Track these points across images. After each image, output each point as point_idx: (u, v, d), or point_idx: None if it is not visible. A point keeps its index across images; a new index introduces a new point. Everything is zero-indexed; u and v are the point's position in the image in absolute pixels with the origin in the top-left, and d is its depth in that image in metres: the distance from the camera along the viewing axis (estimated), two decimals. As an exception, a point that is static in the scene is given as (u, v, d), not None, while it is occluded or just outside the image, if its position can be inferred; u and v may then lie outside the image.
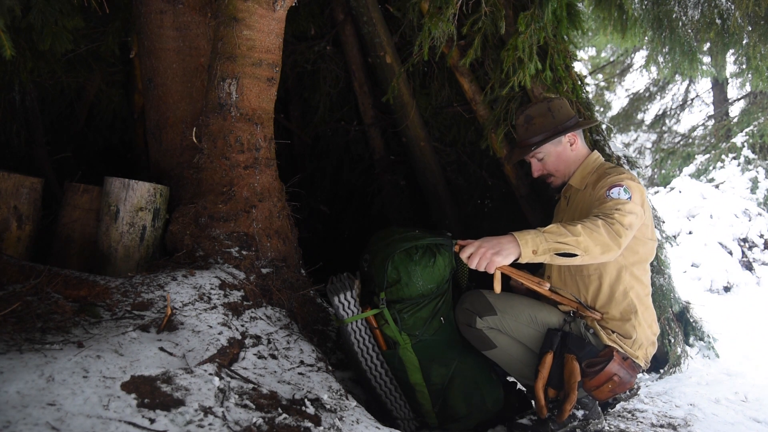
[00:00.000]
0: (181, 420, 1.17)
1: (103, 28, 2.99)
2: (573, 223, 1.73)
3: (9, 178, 2.00)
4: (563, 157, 2.16)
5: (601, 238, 1.70)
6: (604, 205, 1.83)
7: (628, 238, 1.76)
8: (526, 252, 1.68)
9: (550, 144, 2.14)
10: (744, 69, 3.71)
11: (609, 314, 1.98)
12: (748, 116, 9.31)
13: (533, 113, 2.17)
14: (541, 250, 1.68)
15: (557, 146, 2.15)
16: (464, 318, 2.05)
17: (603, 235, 1.70)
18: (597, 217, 1.77)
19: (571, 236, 1.68)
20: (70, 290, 1.62)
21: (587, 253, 1.69)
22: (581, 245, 1.68)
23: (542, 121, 2.15)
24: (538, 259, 1.69)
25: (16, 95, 2.87)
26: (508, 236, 1.71)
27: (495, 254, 1.68)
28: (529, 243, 1.68)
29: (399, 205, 3.68)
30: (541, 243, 1.68)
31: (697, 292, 5.94)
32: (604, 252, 1.71)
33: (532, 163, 2.22)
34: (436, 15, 2.62)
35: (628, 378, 1.87)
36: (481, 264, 1.70)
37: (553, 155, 2.15)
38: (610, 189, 1.88)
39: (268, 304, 2.07)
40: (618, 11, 3.25)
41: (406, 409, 2.12)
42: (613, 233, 1.72)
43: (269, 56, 2.15)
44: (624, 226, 1.74)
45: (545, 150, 2.15)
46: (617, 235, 1.72)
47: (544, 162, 2.18)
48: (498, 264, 1.68)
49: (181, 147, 2.40)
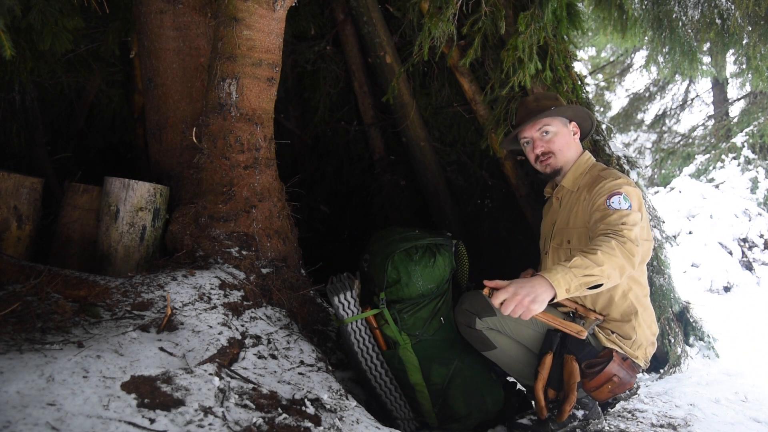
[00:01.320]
0: (181, 420, 1.17)
1: (103, 28, 2.99)
2: (592, 250, 1.69)
3: (9, 178, 2.00)
4: (567, 140, 2.13)
5: (619, 261, 1.68)
6: (609, 219, 1.81)
7: (639, 254, 1.75)
8: (561, 293, 1.63)
9: (558, 120, 2.12)
10: (744, 69, 3.71)
11: (609, 316, 1.98)
12: (748, 116, 9.31)
13: (542, 96, 2.18)
14: (573, 287, 1.64)
15: (564, 126, 2.14)
16: (464, 319, 2.05)
17: (619, 258, 1.68)
18: (608, 236, 1.74)
19: (596, 266, 1.65)
20: (70, 290, 1.62)
21: (610, 280, 1.68)
22: (605, 273, 1.66)
23: (552, 102, 2.15)
24: (571, 295, 1.66)
25: (16, 95, 2.87)
26: (539, 279, 1.63)
27: (532, 302, 1.59)
28: (562, 283, 1.62)
29: (399, 205, 3.68)
30: (572, 280, 1.63)
31: (697, 292, 5.94)
32: (622, 273, 1.71)
33: (535, 139, 2.14)
34: (436, 15, 2.62)
35: (628, 378, 1.87)
36: (517, 312, 1.61)
37: (560, 134, 2.12)
38: (610, 198, 1.86)
39: (268, 304, 2.07)
40: (618, 11, 3.25)
41: (406, 409, 2.12)
42: (627, 253, 1.71)
43: (269, 56, 2.15)
44: (634, 243, 1.73)
45: (554, 125, 2.12)
46: (630, 254, 1.71)
47: (550, 139, 2.12)
48: (536, 312, 1.61)
49: (181, 147, 2.40)
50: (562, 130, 2.13)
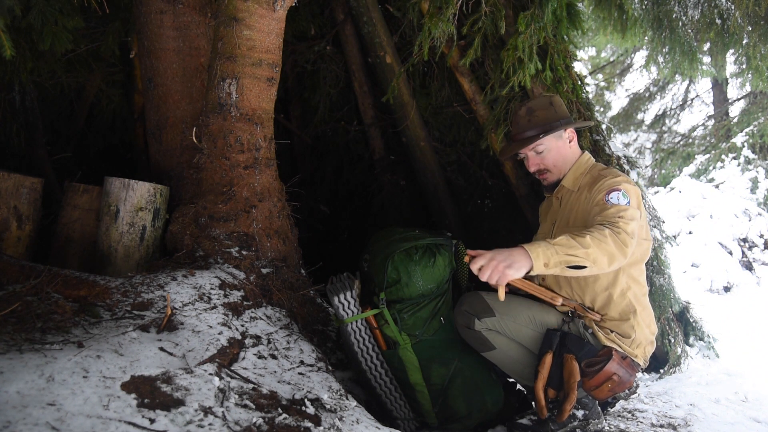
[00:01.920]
0: (181, 420, 1.17)
1: (103, 28, 2.99)
2: (581, 233, 1.71)
3: (9, 178, 2.00)
4: (562, 152, 2.13)
5: (609, 248, 1.69)
6: (606, 212, 1.82)
7: (633, 246, 1.75)
8: (538, 265, 1.66)
9: (551, 137, 2.11)
10: (744, 69, 3.71)
11: (608, 315, 1.98)
12: (748, 116, 9.31)
13: (535, 106, 2.15)
14: (553, 262, 1.66)
15: (558, 140, 2.13)
16: (463, 320, 2.04)
17: (611, 245, 1.69)
18: (603, 226, 1.75)
19: (581, 248, 1.67)
20: (70, 290, 1.62)
21: (596, 265, 1.69)
22: (590, 257, 1.67)
23: (545, 114, 2.13)
24: (550, 271, 1.68)
25: (16, 95, 2.87)
26: (518, 249, 1.68)
27: (507, 267, 1.65)
28: (541, 256, 1.65)
29: (399, 205, 3.68)
30: (553, 255, 1.66)
31: (697, 292, 5.94)
32: (611, 262, 1.71)
33: (529, 157, 2.17)
34: (436, 15, 2.62)
35: (628, 377, 1.87)
36: (493, 277, 1.66)
37: (554, 149, 2.12)
38: (609, 194, 1.87)
39: (268, 304, 2.07)
40: (618, 11, 3.25)
41: (406, 409, 2.12)
42: (620, 243, 1.71)
43: (269, 56, 2.15)
44: (629, 235, 1.74)
45: (547, 143, 2.12)
46: (623, 244, 1.72)
47: (543, 156, 2.14)
48: (510, 278, 1.66)
49: (181, 147, 2.40)
50: (555, 144, 2.12)
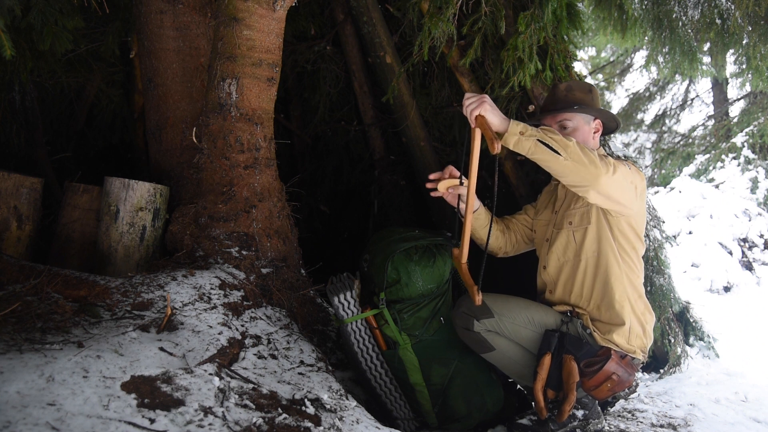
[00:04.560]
0: (181, 420, 1.17)
1: (103, 28, 2.98)
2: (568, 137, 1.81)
3: (9, 178, 2.00)
4: (586, 138, 2.09)
5: (591, 156, 1.76)
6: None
7: (616, 178, 1.81)
8: (513, 128, 1.77)
9: (582, 117, 2.08)
10: (744, 69, 3.71)
11: (603, 301, 1.97)
12: (748, 116, 9.30)
13: (575, 86, 2.13)
14: (528, 133, 1.76)
15: (586, 125, 2.10)
16: (461, 321, 2.04)
17: (593, 156, 1.77)
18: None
19: (561, 139, 1.76)
20: (70, 290, 1.62)
21: (569, 159, 1.75)
22: (569, 149, 1.75)
23: (582, 96, 2.10)
24: (523, 142, 1.77)
25: (16, 95, 2.87)
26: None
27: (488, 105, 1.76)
28: (521, 124, 1.77)
29: (399, 205, 3.68)
30: (529, 128, 1.77)
31: (697, 292, 5.94)
32: (587, 173, 1.76)
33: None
34: (436, 15, 2.62)
35: (627, 376, 1.87)
36: (471, 105, 1.78)
37: (580, 131, 2.08)
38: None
39: (268, 304, 2.07)
40: (618, 11, 3.25)
41: (406, 409, 2.12)
42: (604, 163, 1.78)
43: (269, 56, 2.15)
44: (615, 168, 1.81)
45: (576, 120, 2.08)
46: (607, 165, 1.78)
47: (568, 133, 2.08)
48: (482, 111, 1.76)
49: (181, 147, 2.40)
50: (582, 127, 2.09)
